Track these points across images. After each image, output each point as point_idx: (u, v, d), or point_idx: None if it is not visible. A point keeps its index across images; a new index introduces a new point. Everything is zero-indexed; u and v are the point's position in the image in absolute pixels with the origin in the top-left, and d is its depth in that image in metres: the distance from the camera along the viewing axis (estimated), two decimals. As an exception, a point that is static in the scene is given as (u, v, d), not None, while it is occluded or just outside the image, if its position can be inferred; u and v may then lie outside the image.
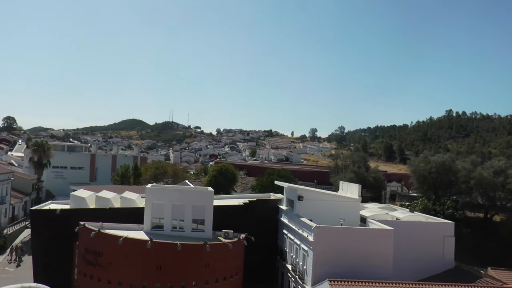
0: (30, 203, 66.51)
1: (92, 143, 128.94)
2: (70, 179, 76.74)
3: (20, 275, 39.87)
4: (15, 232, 55.45)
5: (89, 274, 28.22)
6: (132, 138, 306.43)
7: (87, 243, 28.56)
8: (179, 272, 26.95)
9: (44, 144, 72.96)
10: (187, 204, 31.10)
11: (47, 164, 70.70)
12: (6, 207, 57.02)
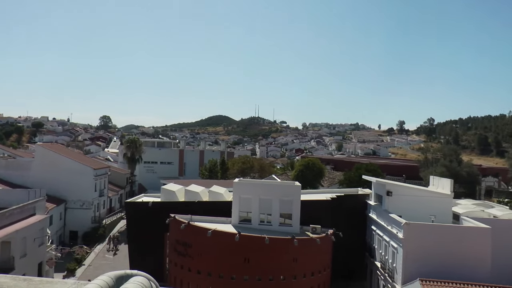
0: (124, 195, 69.93)
1: (180, 139, 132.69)
2: (160, 173, 79.64)
3: (118, 262, 42.01)
4: (113, 223, 58.61)
5: (180, 263, 29.09)
6: (219, 134, 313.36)
7: (177, 234, 29.43)
8: (266, 266, 27.01)
9: (136, 140, 76.50)
10: (275, 198, 31.07)
11: (139, 160, 74.07)
12: (104, 199, 60.40)
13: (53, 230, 45.44)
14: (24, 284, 5.76)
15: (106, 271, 15.99)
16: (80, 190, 53.39)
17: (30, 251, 32.49)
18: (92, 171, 55.22)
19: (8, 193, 39.54)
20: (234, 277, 26.90)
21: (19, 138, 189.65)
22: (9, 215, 31.26)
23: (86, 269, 41.50)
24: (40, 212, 36.37)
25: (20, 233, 30.75)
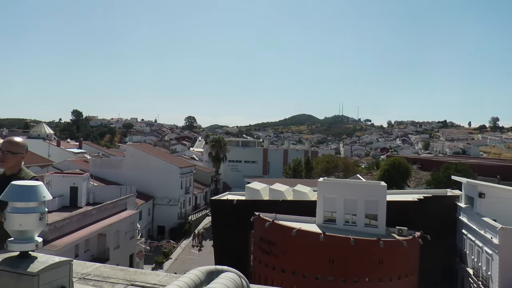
0: (209, 193, 71.67)
1: (264, 138, 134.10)
2: (244, 172, 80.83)
3: (203, 257, 43.08)
4: (198, 219, 60.33)
5: (264, 261, 29.26)
6: (302, 133, 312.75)
7: (261, 233, 29.63)
8: (351, 267, 26.47)
9: (220, 140, 78.18)
10: (360, 198, 30.39)
11: (224, 158, 75.61)
12: (190, 196, 62.29)
13: (142, 225, 47.49)
14: (121, 274, 6.00)
15: (192, 265, 16.62)
16: (167, 188, 55.45)
17: (122, 243, 34.26)
18: (178, 170, 57.14)
19: (103, 190, 41.97)
20: (319, 277, 26.62)
21: (111, 138, 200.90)
22: (104, 210, 33.15)
23: (173, 262, 42.99)
24: (130, 208, 38.21)
25: (113, 227, 32.52)
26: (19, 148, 4.16)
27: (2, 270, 3.04)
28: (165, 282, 5.50)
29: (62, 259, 3.21)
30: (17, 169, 4.16)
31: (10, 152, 4.10)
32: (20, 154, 4.17)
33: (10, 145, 4.14)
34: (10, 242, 3.15)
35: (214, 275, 4.25)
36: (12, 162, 4.13)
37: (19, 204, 3.13)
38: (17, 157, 4.14)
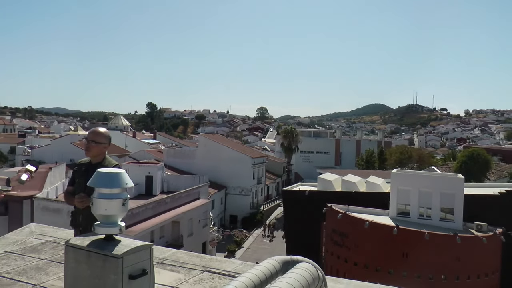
0: (281, 184, 71.89)
1: (336, 129, 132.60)
2: (316, 163, 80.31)
3: (275, 247, 43.37)
4: (270, 209, 60.74)
5: (336, 253, 29.00)
6: (375, 123, 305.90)
7: (334, 224, 29.35)
8: (426, 263, 25.60)
9: (292, 130, 78.00)
10: (435, 191, 29.28)
11: (296, 149, 75.42)
12: (262, 186, 62.84)
13: (215, 214, 48.49)
14: (197, 260, 6.18)
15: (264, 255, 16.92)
16: (239, 178, 56.19)
17: (195, 231, 35.24)
18: (250, 160, 57.72)
19: (177, 179, 43.31)
20: (392, 272, 26.00)
21: (184, 129, 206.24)
22: (178, 198, 34.18)
23: (245, 251, 43.62)
24: (203, 197, 39.12)
25: (187, 215, 33.50)
26: (102, 138, 4.35)
27: (91, 251, 3.22)
28: (240, 270, 5.60)
29: (144, 243, 3.34)
30: (101, 157, 4.36)
31: (94, 141, 4.30)
32: (103, 144, 4.36)
33: (94, 135, 4.34)
34: (97, 226, 3.33)
35: (289, 265, 4.26)
36: (96, 151, 4.33)
37: (104, 190, 3.31)
38: (100, 147, 4.34)
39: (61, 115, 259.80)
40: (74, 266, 3.33)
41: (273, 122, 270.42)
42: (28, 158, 56.64)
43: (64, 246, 6.55)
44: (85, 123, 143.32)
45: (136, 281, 3.19)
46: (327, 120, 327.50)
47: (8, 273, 5.57)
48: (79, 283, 3.31)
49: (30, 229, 7.69)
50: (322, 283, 4.22)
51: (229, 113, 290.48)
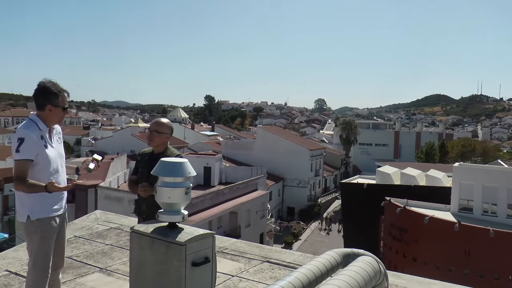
0: (339, 176, 71.21)
1: (395, 121, 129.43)
2: (374, 155, 78.84)
3: (332, 240, 43.07)
4: (327, 202, 60.37)
5: (395, 248, 28.46)
6: (436, 114, 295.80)
7: (392, 218, 28.79)
8: (490, 262, 24.54)
9: (351, 122, 76.94)
10: (501, 186, 28.04)
11: (354, 141, 74.33)
12: (320, 179, 62.48)
13: (272, 205, 48.63)
14: (257, 250, 6.23)
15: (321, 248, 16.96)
16: (297, 170, 56.05)
17: (253, 222, 35.53)
18: (308, 152, 57.45)
19: (235, 170, 43.79)
20: (453, 270, 25.18)
21: (242, 121, 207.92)
22: (236, 189, 34.57)
23: (302, 243, 43.58)
24: (261, 188, 39.34)
25: (245, 206, 33.83)
26: (164, 129, 4.44)
27: (155, 238, 3.30)
28: (300, 262, 5.59)
29: (206, 232, 3.39)
30: (163, 147, 4.45)
31: (156, 131, 4.40)
32: (166, 134, 4.45)
33: (157, 126, 4.43)
34: (160, 213, 3.40)
35: (350, 258, 4.20)
36: (159, 141, 4.42)
37: (168, 179, 3.37)
38: (162, 137, 4.43)
39: (122, 108, 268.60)
40: (139, 251, 3.42)
41: (331, 113, 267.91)
42: (92, 149, 58.96)
43: (127, 233, 6.80)
44: (145, 116, 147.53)
45: (198, 269, 3.24)
46: (386, 112, 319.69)
47: (78, 256, 5.82)
48: (143, 268, 3.39)
49: (96, 216, 8.00)
50: (383, 277, 4.14)
51: (287, 105, 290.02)
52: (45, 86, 3.68)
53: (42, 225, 3.64)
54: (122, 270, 5.33)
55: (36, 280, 3.62)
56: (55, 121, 3.81)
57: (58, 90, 3.70)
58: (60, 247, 3.92)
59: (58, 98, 3.70)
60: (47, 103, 3.68)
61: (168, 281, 3.23)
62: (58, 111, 3.73)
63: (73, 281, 5.00)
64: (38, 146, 3.61)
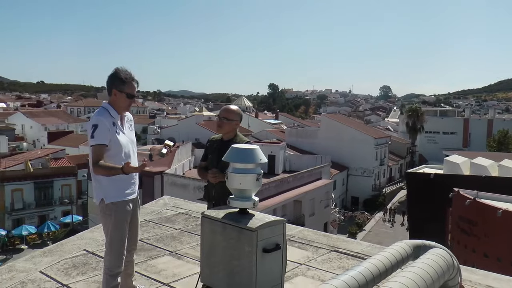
0: (404, 165, 69.49)
1: (464, 107, 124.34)
2: (442, 144, 76.12)
3: (397, 231, 42.19)
4: (392, 192, 59.05)
5: (463, 242, 27.40)
6: (511, 100, 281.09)
7: (461, 211, 27.71)
8: None
9: (417, 109, 74.53)
10: None
11: (421, 129, 72.07)
12: (385, 168, 61.22)
13: (336, 195, 48.19)
14: (324, 239, 6.19)
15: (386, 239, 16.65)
16: (361, 158, 55.16)
17: (317, 211, 35.38)
18: (373, 140, 56.35)
19: (299, 158, 43.67)
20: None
21: (306, 109, 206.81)
22: (300, 178, 34.49)
23: (366, 234, 42.94)
24: (325, 177, 39.02)
25: (309, 194, 33.69)
26: (234, 116, 4.46)
27: (226, 224, 3.34)
28: (368, 252, 5.50)
29: (277, 218, 3.39)
30: (233, 134, 4.47)
31: (226, 118, 4.42)
32: (235, 121, 4.47)
33: (226, 113, 4.46)
34: (231, 199, 3.43)
35: (421, 250, 4.09)
36: (228, 128, 4.45)
37: (239, 165, 3.39)
38: (232, 124, 4.45)
39: (187, 97, 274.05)
40: (210, 236, 3.47)
41: (396, 101, 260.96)
42: (158, 137, 60.71)
43: (195, 218, 6.94)
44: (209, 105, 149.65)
45: (269, 255, 3.24)
46: (455, 98, 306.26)
47: (148, 239, 6.02)
48: (214, 253, 3.45)
49: (164, 201, 8.23)
50: (457, 271, 4.00)
51: (351, 93, 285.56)
52: (114, 71, 3.81)
53: (116, 208, 3.78)
54: (191, 254, 5.45)
55: (112, 261, 3.77)
56: (122, 107, 3.89)
57: (124, 76, 3.80)
58: (134, 230, 4.07)
59: (123, 83, 3.80)
60: (113, 87, 3.81)
61: (239, 266, 3.26)
62: (122, 96, 3.83)
63: (144, 262, 5.17)
64: (111, 132, 3.74)
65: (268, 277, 3.30)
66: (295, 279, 4.73)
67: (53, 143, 64.20)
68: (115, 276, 3.77)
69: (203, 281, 3.63)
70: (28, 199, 46.20)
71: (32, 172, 46.09)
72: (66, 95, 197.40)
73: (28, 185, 46.08)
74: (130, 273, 4.12)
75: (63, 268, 4.97)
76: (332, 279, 3.23)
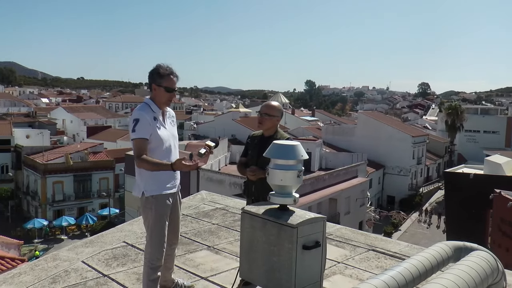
0: (442, 165, 68.07)
1: (508, 105, 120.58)
2: (482, 143, 74.13)
3: (434, 232, 41.37)
4: (429, 192, 57.89)
5: (504, 246, 26.62)
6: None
7: (502, 213, 26.91)
8: None
9: (457, 107, 72.64)
10: None
11: (460, 128, 70.32)
12: (422, 167, 60.11)
13: (372, 193, 47.62)
14: (362, 238, 6.14)
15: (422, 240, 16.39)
16: (398, 157, 54.29)
17: (352, 210, 35.07)
18: (410, 139, 55.41)
19: (335, 156, 43.38)
20: None
21: (342, 106, 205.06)
22: (336, 175, 34.26)
23: (402, 234, 42.27)
24: (361, 175, 38.62)
25: (344, 193, 33.42)
26: (275, 112, 4.46)
27: (266, 220, 3.35)
28: (406, 253, 5.41)
29: (317, 216, 3.37)
30: (273, 130, 4.47)
31: (267, 114, 4.42)
32: (276, 117, 4.46)
33: (268, 109, 4.46)
34: (272, 195, 3.43)
35: (462, 252, 3.99)
36: (269, 124, 4.45)
37: (280, 161, 3.39)
38: (273, 120, 4.45)
39: (223, 94, 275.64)
40: (250, 232, 3.49)
41: (435, 98, 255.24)
42: (194, 133, 61.28)
43: (232, 214, 6.98)
44: (246, 101, 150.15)
45: (309, 252, 3.24)
46: (497, 96, 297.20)
47: (186, 233, 6.10)
48: (254, 248, 3.46)
49: (202, 196, 8.31)
50: (501, 276, 3.88)
51: (389, 90, 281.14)
52: (154, 67, 3.86)
53: (157, 202, 3.82)
54: (229, 250, 5.49)
55: (153, 253, 3.83)
56: (162, 102, 3.93)
57: (163, 71, 3.84)
58: (175, 224, 4.11)
59: (162, 77, 3.83)
60: (152, 82, 3.86)
61: (278, 262, 3.26)
62: (161, 91, 3.86)
63: (183, 256, 5.24)
64: (152, 127, 3.78)
65: (308, 274, 3.30)
66: (333, 277, 4.70)
67: (92, 138, 65.79)
68: (155, 269, 3.82)
69: (242, 276, 3.65)
70: (68, 191, 47.55)
71: (72, 165, 47.38)
72: (105, 91, 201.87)
73: (68, 177, 47.43)
74: (170, 266, 4.17)
75: (103, 259, 5.09)
76: (371, 279, 3.19)
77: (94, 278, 4.58)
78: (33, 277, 4.54)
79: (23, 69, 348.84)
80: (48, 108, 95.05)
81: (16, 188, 52.96)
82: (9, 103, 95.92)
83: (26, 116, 75.28)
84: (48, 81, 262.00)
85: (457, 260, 3.78)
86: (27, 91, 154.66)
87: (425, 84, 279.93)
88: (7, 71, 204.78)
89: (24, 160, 50.39)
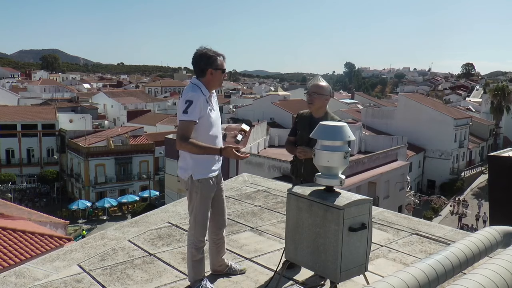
0: (486, 148, 66.17)
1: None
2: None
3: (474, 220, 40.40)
4: (471, 176, 56.35)
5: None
6: None
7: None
8: None
9: (504, 88, 69.97)
10: None
11: (507, 109, 67.92)
12: (464, 151, 58.57)
13: (412, 177, 46.77)
14: (405, 222, 6.06)
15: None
16: (439, 140, 53.06)
17: (391, 194, 34.61)
18: (452, 121, 54.00)
19: (374, 139, 42.82)
20: None
21: (382, 89, 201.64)
22: (375, 159, 33.81)
23: (441, 220, 41.41)
24: (401, 159, 37.98)
25: (384, 176, 32.99)
26: (324, 91, 4.44)
27: (313, 201, 3.34)
28: (451, 237, 5.31)
29: (364, 197, 3.35)
30: (323, 111, 4.45)
31: (316, 93, 4.40)
32: (325, 96, 4.44)
33: (317, 88, 4.44)
34: (318, 177, 3.42)
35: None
36: (319, 103, 4.42)
37: (327, 142, 3.37)
38: (322, 99, 4.43)
39: (262, 77, 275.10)
40: (296, 213, 3.49)
41: (480, 79, 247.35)
42: (233, 117, 61.50)
43: (274, 196, 7.01)
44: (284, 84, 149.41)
45: (355, 234, 3.22)
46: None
47: (229, 215, 6.15)
48: (300, 230, 3.47)
49: (243, 178, 8.36)
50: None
51: (431, 71, 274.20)
52: (203, 51, 3.83)
53: (202, 185, 3.86)
54: (272, 231, 5.53)
55: (197, 235, 3.89)
56: (217, 84, 3.94)
57: (215, 53, 3.84)
58: (221, 208, 4.14)
59: (217, 60, 3.83)
60: (208, 67, 3.81)
61: (324, 244, 3.26)
62: (218, 73, 3.87)
63: (227, 237, 5.27)
64: (204, 110, 3.77)
65: (353, 257, 3.29)
66: (376, 260, 4.67)
67: (132, 122, 67.04)
68: (199, 249, 3.89)
69: (287, 257, 3.67)
70: (110, 174, 48.77)
71: (113, 148, 48.47)
72: (144, 76, 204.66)
73: (109, 160, 48.59)
74: (222, 251, 4.21)
75: (149, 239, 5.21)
76: (416, 263, 3.15)
77: (141, 256, 4.71)
78: (84, 254, 4.71)
79: (66, 56, 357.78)
80: (90, 93, 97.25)
81: (61, 170, 54.70)
82: (54, 89, 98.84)
83: (69, 101, 77.50)
84: (90, 67, 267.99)
85: (507, 246, 3.68)
86: (70, 77, 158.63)
87: (470, 64, 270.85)
88: (51, 58, 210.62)
89: (68, 144, 51.87)
